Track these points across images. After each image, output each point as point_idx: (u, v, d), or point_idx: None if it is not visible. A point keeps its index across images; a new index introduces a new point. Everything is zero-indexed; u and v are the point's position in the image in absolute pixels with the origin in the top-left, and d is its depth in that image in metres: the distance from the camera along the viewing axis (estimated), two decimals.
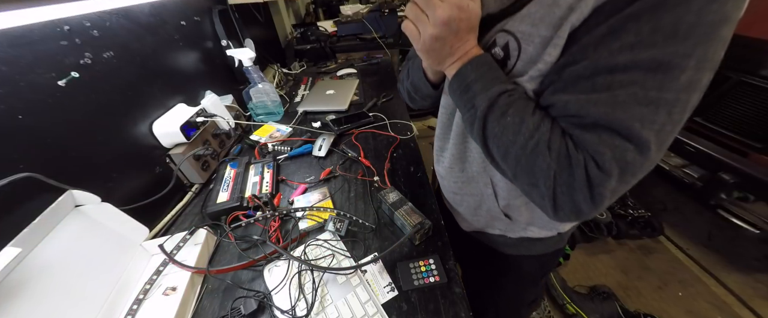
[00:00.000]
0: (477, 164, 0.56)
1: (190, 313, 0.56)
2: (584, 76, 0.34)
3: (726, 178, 1.29)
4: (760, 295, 1.32)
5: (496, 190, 0.56)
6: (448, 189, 0.67)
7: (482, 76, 0.42)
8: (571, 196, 0.36)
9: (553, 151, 0.36)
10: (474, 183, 0.59)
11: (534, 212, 0.57)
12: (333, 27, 2.05)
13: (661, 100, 0.31)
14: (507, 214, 0.58)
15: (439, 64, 0.47)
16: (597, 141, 0.34)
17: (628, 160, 0.33)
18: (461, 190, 0.63)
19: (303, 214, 0.71)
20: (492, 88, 0.41)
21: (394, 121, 1.08)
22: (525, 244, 0.64)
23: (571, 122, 0.36)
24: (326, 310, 0.54)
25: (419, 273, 0.58)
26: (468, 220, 0.68)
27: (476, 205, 0.62)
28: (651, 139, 0.32)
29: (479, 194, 0.59)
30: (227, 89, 1.15)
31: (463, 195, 0.63)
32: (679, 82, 0.30)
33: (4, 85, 0.49)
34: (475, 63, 0.43)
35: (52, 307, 0.48)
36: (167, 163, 0.81)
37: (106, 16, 0.68)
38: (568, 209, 0.37)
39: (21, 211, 0.49)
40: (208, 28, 1.10)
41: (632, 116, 0.32)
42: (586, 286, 1.39)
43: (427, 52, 0.45)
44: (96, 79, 0.64)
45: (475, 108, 0.42)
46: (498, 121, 0.40)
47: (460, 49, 0.44)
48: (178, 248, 0.63)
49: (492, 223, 0.63)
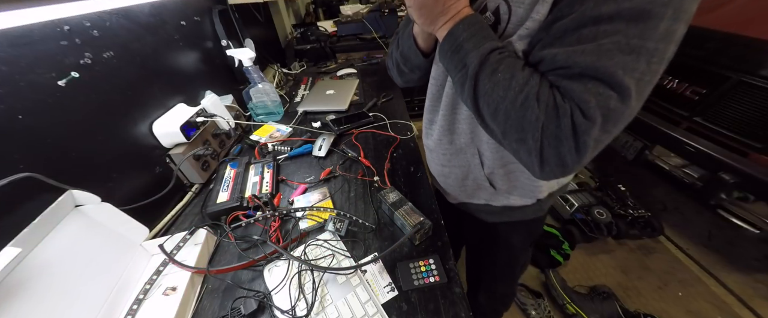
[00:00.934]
0: (465, 135, 0.59)
1: (190, 313, 0.56)
2: (571, 29, 0.36)
3: (726, 178, 1.29)
4: (760, 295, 1.32)
5: (482, 159, 0.60)
6: (437, 161, 0.70)
7: (473, 34, 0.43)
8: (557, 148, 0.38)
9: (541, 103, 0.38)
10: (462, 154, 0.62)
11: (516, 181, 0.61)
12: (333, 27, 2.05)
13: (642, 49, 0.33)
14: (491, 182, 0.62)
15: (431, 24, 0.47)
16: (582, 89, 0.35)
17: (610, 107, 0.35)
18: (449, 162, 0.66)
19: (303, 214, 0.71)
20: (483, 45, 0.42)
21: (394, 121, 1.08)
22: (507, 212, 0.68)
23: (559, 74, 0.38)
24: (326, 310, 0.54)
25: (419, 273, 0.58)
26: (454, 193, 0.72)
27: (463, 175, 0.65)
28: (632, 87, 0.34)
29: (466, 165, 0.63)
30: (227, 89, 1.15)
31: (452, 166, 0.66)
32: (658, 31, 0.32)
33: (4, 85, 0.49)
34: (466, 22, 0.44)
35: (52, 307, 0.48)
36: (167, 163, 0.81)
37: (106, 16, 0.68)
38: (553, 162, 0.39)
39: (21, 211, 0.49)
40: (208, 28, 1.10)
41: (616, 64, 0.33)
42: (586, 286, 1.39)
43: (420, 9, 0.46)
44: (96, 79, 0.64)
45: (466, 67, 0.43)
46: (489, 77, 0.41)
47: (452, 8, 0.45)
48: (178, 248, 0.63)
49: (477, 192, 0.68)
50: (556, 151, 0.38)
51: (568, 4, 0.36)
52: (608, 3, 0.33)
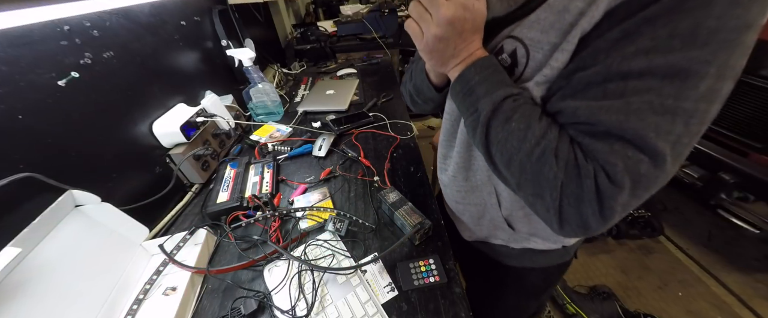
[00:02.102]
0: (482, 173, 0.54)
1: (190, 313, 0.56)
2: (595, 82, 0.32)
3: (726, 178, 1.29)
4: (760, 295, 1.32)
5: (499, 199, 0.54)
6: (451, 198, 0.65)
7: (486, 79, 0.40)
8: (579, 209, 0.34)
9: (560, 160, 0.34)
10: (478, 192, 0.57)
11: (537, 223, 0.55)
12: (333, 27, 2.05)
13: (679, 110, 0.29)
14: (510, 223, 0.57)
15: (442, 66, 0.45)
16: (608, 150, 0.32)
17: (641, 172, 0.31)
18: (464, 200, 0.61)
19: (303, 214, 0.71)
20: (496, 91, 0.39)
21: (394, 121, 1.08)
22: (528, 255, 0.62)
23: (581, 130, 0.34)
24: (326, 310, 0.54)
25: (419, 273, 0.58)
26: (470, 230, 0.66)
27: (479, 214, 0.60)
28: (667, 151, 0.30)
29: (482, 204, 0.58)
30: (227, 89, 1.15)
31: (466, 204, 0.61)
32: (698, 91, 0.28)
33: (4, 85, 0.49)
34: (478, 65, 0.41)
35: (52, 307, 0.48)
36: (167, 163, 0.81)
37: (106, 16, 0.68)
38: (574, 223, 0.35)
39: (21, 211, 0.49)
40: (208, 28, 1.10)
41: (647, 125, 0.30)
42: (586, 286, 1.39)
43: (430, 52, 0.44)
44: (96, 79, 0.64)
45: (478, 112, 0.40)
46: (502, 126, 0.38)
47: (464, 51, 0.42)
48: (178, 248, 0.63)
49: (494, 232, 0.62)
50: (578, 212, 0.34)
51: (592, 55, 0.33)
52: (638, 57, 0.29)
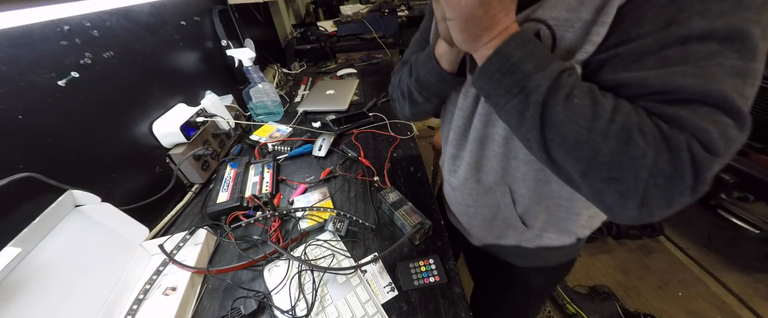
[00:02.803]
0: (495, 173, 0.52)
1: (190, 313, 0.56)
2: (652, 51, 0.31)
3: (726, 178, 1.29)
4: (760, 295, 1.32)
5: (514, 197, 0.53)
6: (461, 201, 0.62)
7: (532, 53, 0.35)
8: (668, 189, 0.31)
9: (647, 134, 0.30)
10: (491, 193, 0.55)
11: (553, 216, 0.53)
12: (333, 27, 2.05)
13: (746, 70, 0.29)
14: (524, 221, 0.55)
15: (474, 41, 0.39)
16: (696, 117, 0.29)
17: (731, 137, 0.29)
18: (476, 202, 0.58)
19: (303, 214, 0.71)
20: (549, 65, 0.34)
21: (394, 121, 1.08)
22: (541, 254, 0.60)
23: (657, 100, 0.31)
24: (326, 310, 0.54)
25: (419, 273, 0.58)
26: (480, 234, 0.65)
27: (491, 216, 0.58)
28: (747, 113, 0.29)
29: (495, 204, 0.56)
30: (227, 89, 1.15)
31: (478, 207, 0.59)
32: (755, 51, 0.28)
33: (4, 85, 0.49)
34: (518, 39, 0.36)
35: (52, 307, 0.48)
36: (167, 163, 0.81)
37: (106, 16, 0.68)
38: (657, 204, 0.32)
39: (21, 211, 0.49)
40: (208, 28, 1.10)
41: (728, 88, 0.28)
42: (586, 286, 1.39)
43: (466, 21, 0.37)
44: (96, 79, 0.64)
45: (526, 91, 0.35)
46: (563, 104, 0.33)
47: (501, 22, 0.36)
48: (178, 248, 0.63)
49: (506, 232, 0.60)
50: (665, 192, 0.31)
51: (638, 24, 0.31)
52: (694, 20, 0.28)
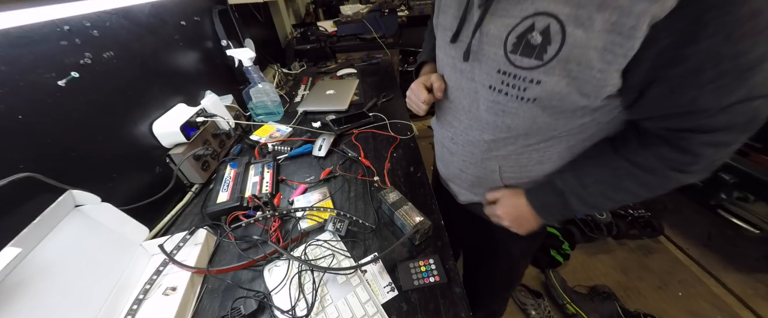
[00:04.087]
0: (484, 149, 0.57)
1: (190, 313, 0.56)
2: (706, 69, 0.33)
3: (726, 178, 1.29)
4: (760, 295, 1.32)
5: (501, 174, 0.58)
6: (455, 165, 0.66)
7: (558, 204, 0.52)
8: (714, 161, 0.40)
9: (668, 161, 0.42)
10: (481, 166, 0.60)
11: (536, 180, 0.58)
12: (333, 27, 2.05)
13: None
14: (507, 185, 0.61)
15: (532, 220, 0.57)
16: (728, 119, 0.36)
17: (761, 112, 0.35)
18: (468, 169, 0.63)
19: (303, 214, 0.71)
20: (572, 208, 0.51)
21: (394, 121, 1.08)
22: None
23: (701, 117, 0.37)
24: (326, 310, 0.54)
25: (419, 273, 0.58)
26: (467, 195, 0.70)
27: (479, 183, 0.64)
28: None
29: (485, 176, 0.61)
30: (227, 89, 1.15)
31: (469, 173, 0.64)
32: None
33: (4, 85, 0.49)
34: (549, 216, 0.55)
35: (52, 307, 0.48)
36: (167, 163, 0.81)
37: (106, 16, 0.68)
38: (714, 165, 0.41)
39: (21, 211, 0.49)
40: (208, 28, 1.10)
41: (762, 85, 0.33)
42: (586, 286, 1.39)
43: (512, 226, 0.60)
44: (96, 79, 0.64)
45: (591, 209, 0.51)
46: (609, 201, 0.49)
47: (531, 224, 0.57)
48: (178, 248, 0.63)
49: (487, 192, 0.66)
50: (711, 163, 0.41)
51: (681, 42, 0.32)
52: (747, 39, 0.30)
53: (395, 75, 1.61)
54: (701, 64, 0.33)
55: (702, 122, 0.37)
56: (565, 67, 0.38)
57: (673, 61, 0.34)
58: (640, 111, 0.41)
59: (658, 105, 0.38)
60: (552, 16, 0.37)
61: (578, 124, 0.46)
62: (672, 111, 0.38)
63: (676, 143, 0.41)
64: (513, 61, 0.42)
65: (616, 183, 0.47)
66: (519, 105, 0.45)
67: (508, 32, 0.41)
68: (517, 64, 0.42)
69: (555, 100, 0.42)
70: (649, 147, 0.43)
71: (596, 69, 0.36)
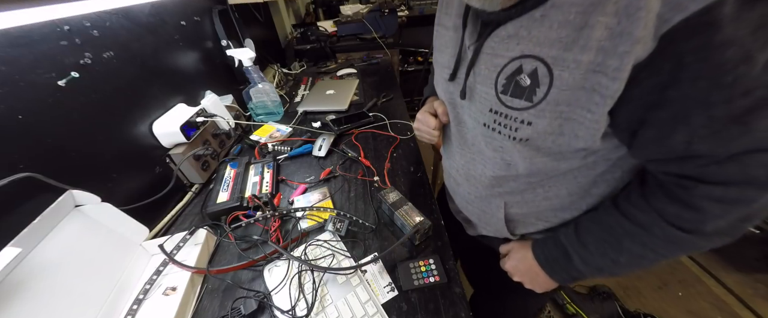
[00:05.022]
0: (487, 184, 0.54)
1: (190, 313, 0.56)
2: (693, 114, 0.31)
3: None
4: (760, 295, 1.32)
5: (507, 210, 0.56)
6: (462, 196, 0.64)
7: (561, 261, 0.50)
8: (742, 226, 0.36)
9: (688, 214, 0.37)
10: (486, 201, 0.58)
11: (547, 223, 0.55)
12: (333, 27, 2.05)
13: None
14: (512, 231, 0.59)
15: (542, 275, 0.54)
16: (741, 171, 0.32)
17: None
18: (472, 203, 0.62)
19: (303, 214, 0.71)
20: (573, 273, 0.49)
21: (394, 121, 1.08)
22: None
23: (702, 164, 0.34)
24: (326, 310, 0.54)
25: (419, 273, 0.58)
26: (474, 226, 0.67)
27: (486, 219, 0.61)
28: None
29: (490, 212, 0.58)
30: (227, 89, 1.15)
31: (474, 208, 0.62)
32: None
33: (4, 85, 0.49)
34: (551, 265, 0.52)
35: (52, 307, 0.48)
36: (167, 163, 0.81)
37: (106, 16, 0.68)
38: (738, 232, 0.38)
39: (21, 211, 0.49)
40: (208, 28, 1.10)
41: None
42: (586, 286, 1.39)
43: (525, 282, 0.58)
44: (96, 79, 0.64)
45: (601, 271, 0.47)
46: (616, 264, 0.44)
47: (545, 284, 0.54)
48: (178, 248, 0.63)
49: (500, 235, 0.62)
50: (742, 227, 0.37)
51: (665, 85, 0.31)
52: (739, 81, 0.28)
53: (395, 75, 1.61)
54: (688, 109, 0.31)
55: (708, 170, 0.34)
56: (556, 109, 0.37)
57: (659, 103, 0.32)
58: (639, 154, 0.39)
59: (653, 148, 0.36)
60: (538, 59, 0.37)
61: (582, 165, 0.44)
62: (668, 156, 0.36)
63: (676, 194, 0.37)
64: (504, 101, 0.42)
65: (616, 242, 0.43)
66: (512, 145, 0.44)
67: (498, 73, 0.41)
68: (508, 105, 0.42)
69: (549, 141, 0.41)
70: (647, 198, 0.40)
71: (586, 109, 0.36)
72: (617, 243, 0.43)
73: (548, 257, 0.52)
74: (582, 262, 0.47)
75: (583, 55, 0.33)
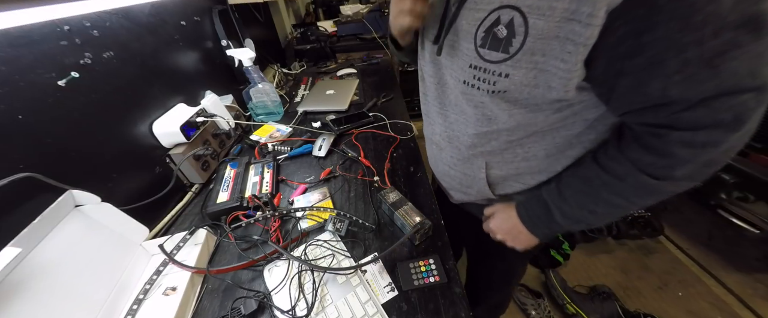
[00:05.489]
0: (469, 144, 0.57)
1: (190, 313, 0.56)
2: (668, 58, 0.32)
3: (726, 178, 1.29)
4: (760, 295, 1.32)
5: (488, 171, 0.58)
6: (444, 162, 0.66)
7: (543, 217, 0.52)
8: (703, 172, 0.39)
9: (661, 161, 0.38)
10: (468, 163, 0.60)
11: (523, 181, 0.58)
12: (333, 27, 2.05)
13: (763, 49, 0.30)
14: (494, 191, 0.62)
15: (525, 233, 0.57)
16: (709, 115, 0.34)
17: (750, 108, 0.33)
18: (455, 167, 0.64)
19: (303, 214, 0.71)
20: (556, 224, 0.51)
21: (394, 121, 1.08)
22: None
23: (675, 110, 0.35)
24: (326, 310, 0.54)
25: (419, 273, 0.58)
26: (457, 193, 0.71)
27: (468, 183, 0.64)
28: (764, 83, 0.31)
29: (471, 174, 0.61)
30: (227, 89, 1.15)
31: (456, 172, 0.64)
32: (765, 12, 0.29)
33: (4, 85, 0.49)
34: (542, 232, 0.55)
35: (52, 307, 0.48)
36: (167, 163, 0.81)
37: (106, 16, 0.68)
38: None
39: (21, 211, 0.49)
40: (208, 28, 1.10)
41: (744, 76, 0.31)
42: (586, 286, 1.39)
43: (507, 240, 0.61)
44: (96, 79, 0.64)
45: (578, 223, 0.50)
46: (593, 214, 0.47)
47: (526, 240, 0.57)
48: (178, 248, 0.63)
49: (479, 195, 0.66)
50: (707, 172, 0.39)
51: (640, 30, 0.32)
52: (709, 20, 0.29)
53: (395, 75, 1.61)
54: (663, 53, 0.32)
55: (680, 116, 0.35)
56: (531, 60, 0.39)
57: (635, 51, 0.33)
58: (616, 106, 0.40)
59: (630, 98, 0.37)
60: (515, 8, 0.38)
61: (558, 119, 0.45)
62: (644, 104, 0.36)
63: (650, 143, 0.39)
64: (482, 55, 0.43)
65: (594, 193, 0.46)
66: (491, 99, 0.46)
67: (477, 26, 0.43)
68: (486, 58, 0.43)
69: (525, 93, 0.42)
70: (623, 150, 0.42)
71: (560, 59, 0.37)
72: (595, 194, 0.46)
73: (531, 214, 0.55)
74: (562, 216, 0.50)
75: (557, 2, 0.34)
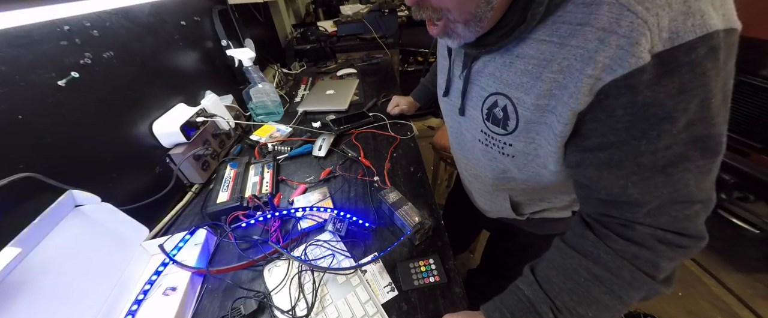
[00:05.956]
0: (489, 182, 0.59)
1: (190, 313, 0.56)
2: (626, 159, 0.35)
3: (726, 178, 1.29)
4: (760, 295, 1.32)
5: (512, 201, 0.62)
6: (475, 190, 0.70)
7: None
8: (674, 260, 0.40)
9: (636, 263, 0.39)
10: (493, 195, 0.64)
11: (550, 204, 0.61)
12: (333, 27, 2.05)
13: (711, 167, 0.34)
14: (519, 213, 0.65)
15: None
16: (671, 222, 0.37)
17: (701, 218, 0.37)
18: (483, 196, 0.68)
19: (303, 214, 0.71)
20: None
21: (394, 121, 1.08)
22: (547, 223, 0.68)
23: (636, 211, 0.37)
24: (326, 310, 0.54)
25: (419, 273, 0.58)
26: (491, 214, 0.73)
27: (498, 208, 0.66)
28: (710, 197, 0.36)
29: (499, 203, 0.64)
30: (227, 89, 1.15)
31: (485, 199, 0.68)
32: (718, 146, 0.33)
33: (4, 85, 0.49)
34: None
35: (52, 307, 0.48)
36: (167, 163, 0.81)
37: (106, 16, 0.68)
38: None
39: (21, 211, 0.49)
40: (208, 28, 1.10)
41: (693, 189, 0.34)
42: None
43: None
44: (96, 79, 0.64)
45: None
46: None
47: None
48: (178, 248, 0.63)
49: (512, 217, 0.68)
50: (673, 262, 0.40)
51: (604, 133, 0.35)
52: (664, 137, 0.32)
53: (395, 75, 1.61)
54: (622, 153, 0.35)
55: (646, 219, 0.38)
56: (527, 137, 0.43)
57: (600, 146, 0.36)
58: (584, 194, 0.43)
59: (595, 187, 0.39)
60: (507, 97, 0.43)
61: (566, 176, 0.46)
62: (608, 197, 0.39)
63: (624, 234, 0.40)
64: (488, 126, 0.48)
65: (586, 293, 0.40)
66: (503, 158, 0.49)
67: (482, 102, 0.47)
68: (492, 130, 0.48)
69: (530, 159, 0.46)
70: (605, 241, 0.40)
71: (547, 141, 0.41)
72: (586, 293, 0.40)
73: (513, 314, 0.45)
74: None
75: (539, 100, 0.38)
